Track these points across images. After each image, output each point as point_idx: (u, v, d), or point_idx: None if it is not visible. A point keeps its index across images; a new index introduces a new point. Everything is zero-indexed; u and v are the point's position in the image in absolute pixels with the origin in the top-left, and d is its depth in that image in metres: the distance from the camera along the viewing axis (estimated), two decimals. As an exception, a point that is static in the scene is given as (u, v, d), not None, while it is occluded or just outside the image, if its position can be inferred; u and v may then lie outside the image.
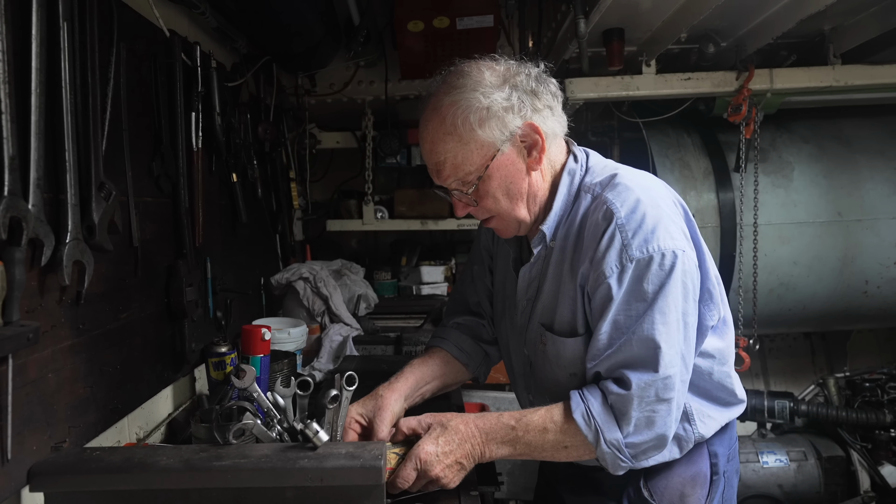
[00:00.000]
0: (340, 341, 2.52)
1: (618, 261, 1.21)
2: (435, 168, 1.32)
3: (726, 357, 1.40)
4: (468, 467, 1.29)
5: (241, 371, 1.27)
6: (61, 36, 1.24)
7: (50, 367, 1.26)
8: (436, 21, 2.74)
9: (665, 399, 1.21)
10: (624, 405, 1.22)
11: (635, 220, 1.22)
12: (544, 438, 1.27)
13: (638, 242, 1.20)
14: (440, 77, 1.33)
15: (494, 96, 1.24)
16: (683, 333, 1.23)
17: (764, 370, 3.80)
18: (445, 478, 1.26)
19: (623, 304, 1.22)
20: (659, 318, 1.20)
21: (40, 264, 1.19)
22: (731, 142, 2.99)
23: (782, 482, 3.20)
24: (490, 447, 1.28)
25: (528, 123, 1.27)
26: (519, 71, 1.30)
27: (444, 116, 1.26)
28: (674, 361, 1.21)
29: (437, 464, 1.25)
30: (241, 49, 2.37)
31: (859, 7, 2.36)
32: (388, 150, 3.43)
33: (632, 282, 1.21)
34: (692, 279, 1.24)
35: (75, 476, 1.12)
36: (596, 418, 1.23)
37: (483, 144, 1.26)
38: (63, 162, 1.26)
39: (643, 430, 1.22)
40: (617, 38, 2.45)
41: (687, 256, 1.22)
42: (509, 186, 1.31)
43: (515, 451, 1.29)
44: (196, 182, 1.94)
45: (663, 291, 1.20)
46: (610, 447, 1.23)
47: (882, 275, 3.00)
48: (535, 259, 1.39)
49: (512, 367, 1.59)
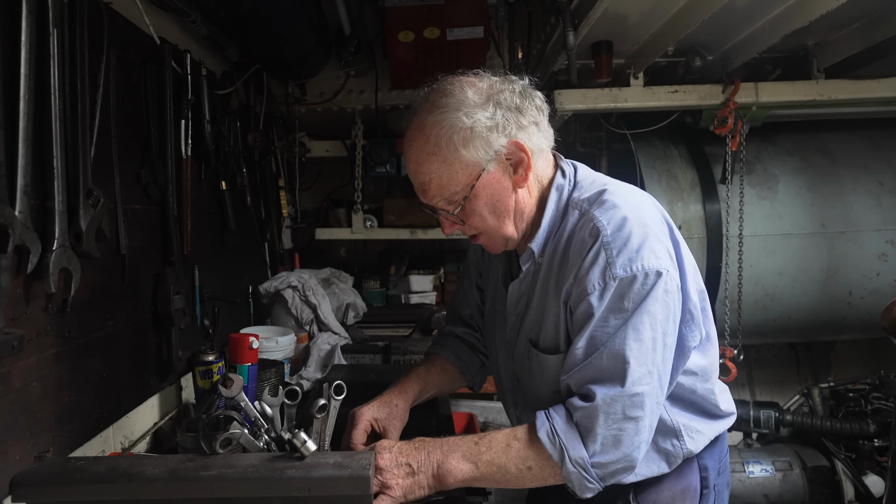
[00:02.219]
0: (329, 350, 2.51)
1: (601, 278, 1.20)
2: (421, 188, 1.31)
3: (709, 374, 1.38)
4: (421, 480, 1.22)
5: (228, 380, 1.27)
6: (51, 42, 1.24)
7: (34, 375, 1.25)
8: (426, 32, 2.76)
9: (632, 417, 1.18)
10: (589, 421, 1.19)
11: (621, 239, 1.21)
12: (507, 456, 1.22)
13: (622, 261, 1.19)
14: (423, 94, 1.31)
15: (478, 116, 1.23)
16: (661, 354, 1.21)
17: (749, 380, 3.83)
18: (388, 472, 1.21)
19: (601, 320, 1.20)
20: (632, 333, 1.18)
21: (26, 271, 1.18)
22: (718, 154, 3.03)
23: (768, 492, 3.22)
24: (450, 460, 1.23)
25: (513, 142, 1.26)
26: (502, 88, 1.28)
27: (427, 136, 1.25)
28: (643, 379, 1.18)
29: (387, 455, 1.22)
30: (231, 57, 2.37)
31: (843, 23, 2.40)
32: (377, 160, 3.44)
33: (613, 299, 1.20)
34: (674, 300, 1.22)
35: (59, 486, 1.10)
36: (560, 436, 1.20)
37: (468, 164, 1.25)
38: (51, 168, 1.25)
39: (610, 449, 1.19)
40: (605, 50, 2.48)
41: (670, 277, 1.21)
42: (496, 205, 1.30)
43: (478, 470, 1.22)
44: (185, 190, 1.94)
45: (640, 309, 1.19)
46: (576, 466, 1.18)
47: (865, 286, 3.04)
48: (524, 275, 1.39)
49: (501, 382, 1.58)
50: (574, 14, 2.26)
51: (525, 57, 3.13)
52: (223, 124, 2.29)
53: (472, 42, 2.81)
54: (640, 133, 3.07)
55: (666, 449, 1.33)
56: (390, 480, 1.22)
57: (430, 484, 1.23)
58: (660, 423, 1.30)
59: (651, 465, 1.33)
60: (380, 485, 1.22)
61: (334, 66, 3.18)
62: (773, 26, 2.25)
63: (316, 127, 3.60)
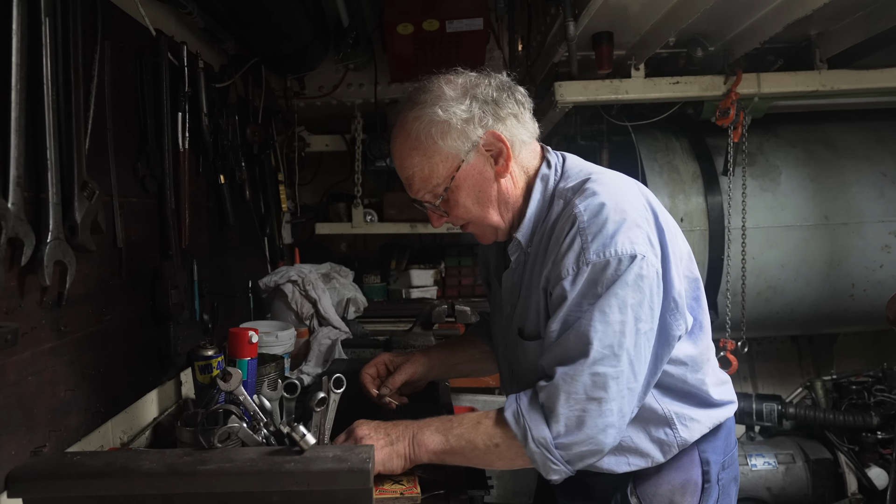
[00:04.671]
0: (329, 345, 2.50)
1: (574, 264, 1.22)
2: (407, 182, 1.37)
3: (699, 364, 1.37)
4: (399, 449, 1.29)
5: (227, 374, 1.25)
6: (43, 31, 1.22)
7: (30, 369, 1.23)
8: (425, 24, 2.73)
9: (595, 398, 1.19)
10: (551, 400, 1.21)
11: (596, 225, 1.22)
12: (476, 432, 1.27)
13: (596, 247, 1.20)
14: (407, 93, 1.38)
15: (453, 109, 1.28)
16: (633, 339, 1.20)
17: (752, 373, 3.82)
18: (366, 439, 1.30)
19: (574, 304, 1.22)
20: (598, 315, 1.19)
21: (20, 264, 1.16)
22: (719, 146, 3.00)
23: (771, 485, 3.20)
24: (424, 432, 1.30)
25: (490, 132, 1.30)
26: (479, 82, 1.33)
27: (409, 132, 1.31)
28: (606, 361, 1.18)
29: (365, 427, 1.33)
30: (229, 50, 2.35)
31: (845, 12, 2.37)
32: (377, 154, 3.42)
33: (586, 284, 1.21)
34: (650, 286, 1.21)
35: (55, 481, 1.09)
36: (525, 416, 1.23)
37: (447, 156, 1.30)
38: (44, 160, 1.23)
39: (574, 430, 1.20)
40: (606, 41, 2.45)
41: (646, 262, 1.20)
42: (478, 194, 1.34)
43: (448, 443, 1.28)
44: (182, 183, 1.92)
45: (610, 292, 1.19)
46: (538, 446, 1.21)
47: (868, 278, 3.03)
48: (514, 265, 1.42)
49: (502, 373, 1.62)
50: (574, 4, 2.24)
51: (525, 49, 3.10)
52: (221, 118, 2.27)
53: (471, 34, 2.79)
54: (641, 125, 3.05)
55: (659, 438, 1.33)
56: (365, 441, 1.28)
57: (406, 453, 1.29)
58: (650, 412, 1.32)
59: (645, 456, 1.34)
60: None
61: (333, 60, 3.16)
62: (775, 16, 2.23)
63: (315, 121, 3.58)
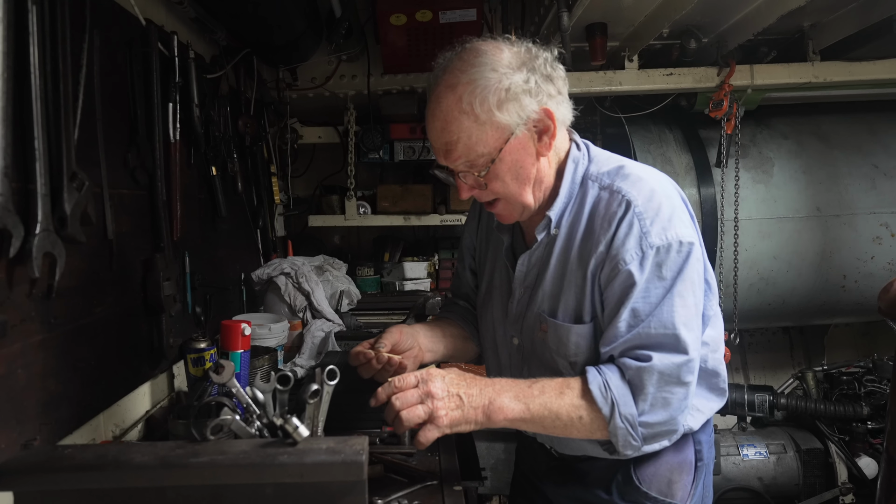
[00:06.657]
0: (322, 337, 2.49)
1: (638, 247, 1.21)
2: (444, 147, 1.27)
3: (718, 344, 1.43)
4: (469, 414, 1.20)
5: (219, 366, 1.24)
6: (30, 20, 1.20)
7: (19, 362, 1.22)
8: (418, 14, 2.72)
9: (685, 382, 1.22)
10: (641, 380, 1.21)
11: (652, 209, 1.23)
12: (560, 402, 1.22)
13: (657, 230, 1.21)
14: (452, 53, 1.29)
15: (514, 78, 1.22)
16: (698, 321, 1.26)
17: (744, 364, 3.84)
18: (440, 400, 1.18)
19: (643, 290, 1.22)
20: (679, 301, 1.21)
21: (8, 256, 1.15)
22: (713, 137, 3.01)
23: (762, 475, 3.23)
24: (502, 399, 1.22)
25: (544, 108, 1.25)
26: (537, 54, 1.27)
27: (460, 95, 1.22)
28: (695, 345, 1.23)
29: (440, 383, 1.20)
30: (220, 41, 2.33)
31: (838, 4, 2.38)
32: (370, 146, 3.41)
33: (652, 268, 1.21)
34: (701, 269, 1.28)
35: (45, 474, 1.08)
36: (613, 391, 1.21)
37: (499, 127, 1.23)
38: (32, 150, 1.21)
39: (659, 409, 1.22)
40: (599, 32, 2.45)
41: (697, 247, 1.25)
42: (519, 171, 1.29)
43: (529, 411, 1.22)
44: (174, 174, 1.90)
45: (681, 277, 1.22)
46: (624, 422, 1.21)
47: (859, 269, 3.05)
48: (536, 246, 1.38)
49: (498, 359, 1.55)
50: (568, -6, 2.23)
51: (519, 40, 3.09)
52: (213, 109, 2.25)
53: (464, 25, 2.77)
54: (634, 117, 3.05)
55: None
56: (440, 410, 1.19)
57: (477, 419, 1.22)
58: None
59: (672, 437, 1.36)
60: (428, 412, 1.18)
61: (325, 51, 3.14)
62: (768, 7, 2.23)
63: (308, 113, 3.56)
